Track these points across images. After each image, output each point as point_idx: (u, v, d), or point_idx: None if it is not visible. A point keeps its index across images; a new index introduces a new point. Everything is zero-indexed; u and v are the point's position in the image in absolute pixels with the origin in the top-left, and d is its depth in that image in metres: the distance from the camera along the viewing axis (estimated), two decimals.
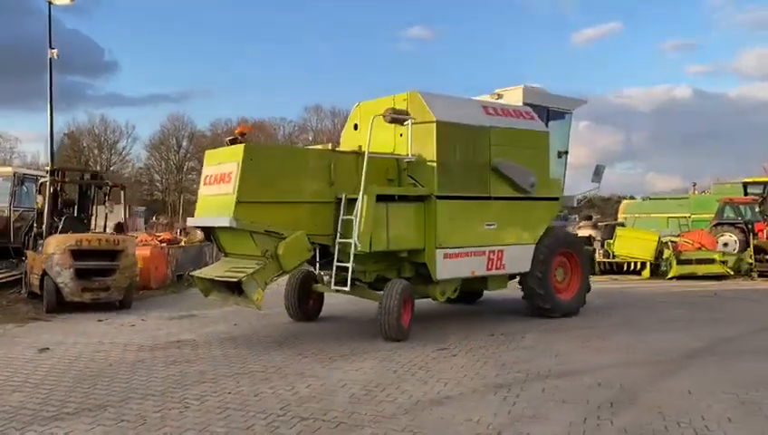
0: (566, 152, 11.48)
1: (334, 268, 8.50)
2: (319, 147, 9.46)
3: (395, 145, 9.49)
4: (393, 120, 8.82)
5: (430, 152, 8.97)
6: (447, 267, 9.00)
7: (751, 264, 17.20)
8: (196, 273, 8.94)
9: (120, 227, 24.43)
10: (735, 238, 23.03)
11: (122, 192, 12.85)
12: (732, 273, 16.77)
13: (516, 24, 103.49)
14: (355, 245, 8.11)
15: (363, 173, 8.31)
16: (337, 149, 9.10)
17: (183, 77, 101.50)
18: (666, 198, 35.93)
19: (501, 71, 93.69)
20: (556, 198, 10.56)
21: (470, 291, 10.88)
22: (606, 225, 23.29)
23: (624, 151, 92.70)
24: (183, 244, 16.90)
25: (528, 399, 5.67)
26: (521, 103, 10.48)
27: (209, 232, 8.92)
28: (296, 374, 6.52)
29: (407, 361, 7.14)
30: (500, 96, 10.77)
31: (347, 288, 8.24)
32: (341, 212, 8.40)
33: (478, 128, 9.42)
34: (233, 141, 8.56)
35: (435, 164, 8.90)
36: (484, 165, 9.47)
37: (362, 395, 5.74)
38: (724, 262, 17.00)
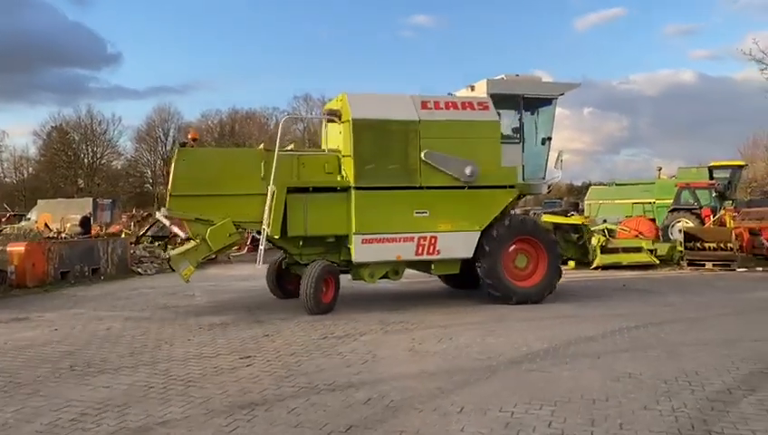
0: (549, 138, 11.30)
1: (260, 250, 9.63)
2: (259, 147, 10.57)
3: (339, 141, 10.26)
4: (328, 120, 10.37)
5: (350, 147, 9.71)
6: (366, 251, 9.74)
7: (681, 252, 16.32)
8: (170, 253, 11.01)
9: (84, 222, 23.64)
10: (692, 225, 22.21)
11: None
12: (657, 262, 15.92)
13: (520, 9, 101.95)
14: (265, 230, 9.40)
15: (273, 168, 9.47)
16: (269, 149, 10.09)
17: (186, 69, 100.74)
18: (631, 184, 34.86)
19: (506, 57, 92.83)
20: (510, 186, 10.45)
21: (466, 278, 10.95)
22: (543, 212, 22.47)
23: (630, 137, 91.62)
24: (66, 238, 16.03)
25: (261, 422, 4.85)
26: (485, 94, 10.52)
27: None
28: (29, 393, 5.67)
29: (184, 373, 6.31)
30: (473, 88, 11.01)
31: (259, 266, 9.72)
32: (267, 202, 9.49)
33: (406, 122, 9.89)
34: (183, 145, 10.15)
35: (352, 158, 9.65)
36: (413, 157, 9.90)
37: (65, 423, 4.89)
38: (652, 250, 16.16)
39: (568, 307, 10.13)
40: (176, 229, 19.43)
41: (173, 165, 9.68)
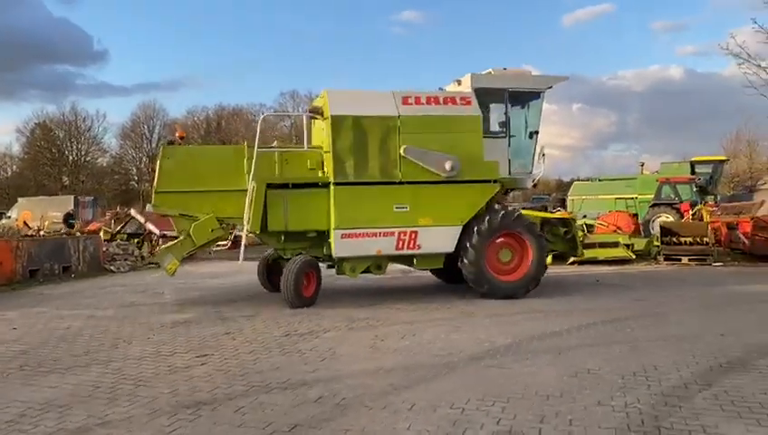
0: (536, 132, 11.19)
1: (241, 245, 10.16)
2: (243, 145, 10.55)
3: (322, 138, 10.42)
4: (311, 117, 10.69)
5: (329, 143, 9.83)
6: (345, 246, 9.83)
7: (658, 246, 16.33)
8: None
9: (67, 218, 23.25)
10: (672, 219, 22.28)
11: None
12: (634, 257, 15.92)
13: (510, 5, 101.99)
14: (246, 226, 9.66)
15: (253, 165, 9.66)
16: (252, 145, 10.19)
17: (175, 66, 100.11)
18: (614, 179, 34.93)
19: (495, 53, 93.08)
20: (493, 181, 10.38)
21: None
22: (522, 208, 22.37)
23: (618, 133, 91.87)
24: (40, 235, 15.79)
25: (204, 422, 4.73)
26: (469, 89, 10.50)
27: None
28: None
29: (137, 372, 6.18)
30: (459, 83, 10.96)
31: (240, 261, 10.15)
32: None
33: (385, 118, 9.94)
34: (170, 143, 10.54)
35: (330, 154, 9.77)
36: (392, 152, 9.93)
37: (1, 425, 4.75)
38: (629, 245, 16.15)
39: (538, 302, 10.07)
40: (150, 227, 19.28)
41: (158, 162, 10.01)
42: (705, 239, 15.84)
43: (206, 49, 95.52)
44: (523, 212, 11.46)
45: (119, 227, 20.27)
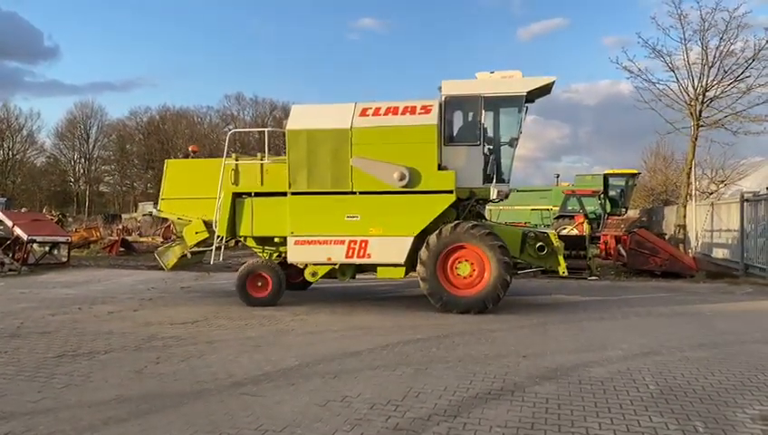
0: (516, 139, 10.69)
1: (213, 248, 10.91)
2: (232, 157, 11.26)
3: None
4: (273, 131, 11.34)
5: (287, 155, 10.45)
6: (298, 252, 10.43)
7: None
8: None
9: None
10: (576, 232, 22.39)
11: None
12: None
13: (467, 17, 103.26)
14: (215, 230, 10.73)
15: (221, 176, 10.84)
16: (240, 158, 11.26)
17: (129, 65, 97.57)
18: (530, 190, 35.24)
19: (451, 65, 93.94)
20: (448, 191, 10.06)
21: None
22: None
23: (570, 145, 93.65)
24: None
25: None
26: (443, 96, 10.36)
27: None
28: None
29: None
30: (441, 89, 10.66)
31: (211, 262, 11.14)
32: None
33: (337, 131, 10.21)
34: (186, 156, 12.31)
35: (287, 165, 10.37)
36: (345, 163, 10.21)
37: None
38: None
39: (371, 318, 9.64)
40: (18, 231, 18.01)
41: (164, 174, 11.54)
42: (582, 253, 15.77)
43: (161, 49, 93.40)
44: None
45: None
